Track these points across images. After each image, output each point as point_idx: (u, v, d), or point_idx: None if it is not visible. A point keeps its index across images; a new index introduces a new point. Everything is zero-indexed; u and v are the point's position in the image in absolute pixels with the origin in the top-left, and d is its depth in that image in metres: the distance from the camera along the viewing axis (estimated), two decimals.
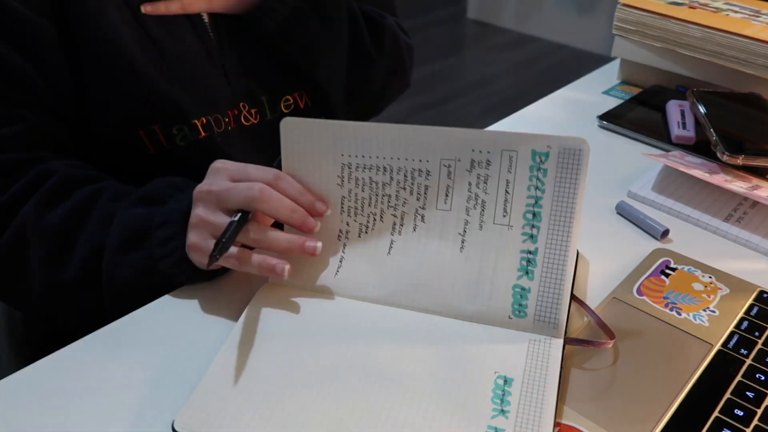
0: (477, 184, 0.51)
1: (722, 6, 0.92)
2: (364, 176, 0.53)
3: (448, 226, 0.52)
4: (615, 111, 0.86)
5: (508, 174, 0.50)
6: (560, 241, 0.50)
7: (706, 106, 0.80)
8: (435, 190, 0.52)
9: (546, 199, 0.50)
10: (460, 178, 0.51)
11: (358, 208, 0.54)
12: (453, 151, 0.51)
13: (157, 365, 0.49)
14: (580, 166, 0.49)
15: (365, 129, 0.52)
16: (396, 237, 0.54)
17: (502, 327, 0.50)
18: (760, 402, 0.46)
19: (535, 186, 0.50)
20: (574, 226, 0.49)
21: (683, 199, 0.68)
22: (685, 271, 0.58)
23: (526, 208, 0.50)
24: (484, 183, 0.51)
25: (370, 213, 0.54)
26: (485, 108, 2.65)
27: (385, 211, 0.54)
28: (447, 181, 0.52)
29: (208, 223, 0.50)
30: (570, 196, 0.49)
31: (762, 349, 0.50)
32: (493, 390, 0.45)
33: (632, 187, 0.70)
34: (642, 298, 0.55)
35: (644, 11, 0.88)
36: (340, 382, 0.46)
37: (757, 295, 0.55)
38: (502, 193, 0.51)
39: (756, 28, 0.83)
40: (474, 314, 0.51)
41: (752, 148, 0.72)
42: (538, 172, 0.50)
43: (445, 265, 0.52)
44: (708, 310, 0.54)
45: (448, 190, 0.52)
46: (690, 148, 0.78)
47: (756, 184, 0.68)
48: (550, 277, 0.50)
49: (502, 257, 0.51)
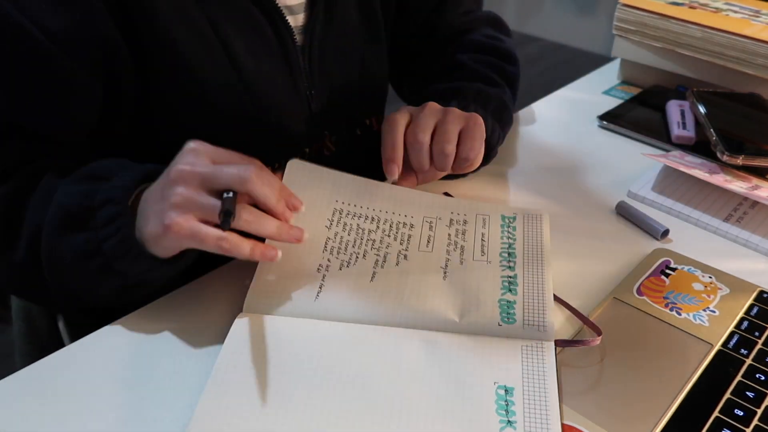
0: (456, 234, 0.59)
1: (722, 6, 0.92)
2: (352, 222, 0.58)
3: (430, 263, 0.56)
4: (615, 111, 0.86)
5: (483, 228, 0.60)
6: (536, 268, 0.56)
7: (706, 106, 0.80)
8: (417, 238, 0.58)
9: (518, 243, 0.58)
10: (441, 230, 0.59)
11: (341, 248, 0.56)
12: (435, 212, 0.61)
13: (158, 365, 0.49)
14: (543, 224, 0.60)
15: (361, 182, 0.61)
16: (378, 269, 0.55)
17: (493, 336, 0.50)
18: (760, 402, 0.46)
19: (507, 235, 0.59)
20: (545, 257, 0.57)
21: (683, 199, 0.68)
22: (685, 271, 0.58)
23: (501, 249, 0.58)
24: (462, 234, 0.59)
25: (353, 252, 0.56)
26: None
27: (368, 251, 0.56)
28: (429, 232, 0.59)
29: (192, 202, 0.45)
30: (538, 239, 0.59)
31: (762, 349, 0.50)
32: (496, 401, 0.45)
33: (632, 187, 0.70)
34: (642, 298, 0.55)
35: (644, 11, 0.89)
36: (337, 405, 0.44)
37: (757, 295, 0.55)
38: (479, 241, 0.58)
39: (756, 28, 0.83)
40: (464, 326, 0.50)
41: (752, 148, 0.72)
42: (509, 228, 0.60)
43: (430, 288, 0.53)
44: (708, 310, 0.54)
45: (429, 238, 0.58)
46: (690, 148, 0.78)
47: (756, 184, 0.68)
48: (532, 291, 0.53)
49: (483, 281, 0.55)
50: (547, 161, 0.76)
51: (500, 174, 0.73)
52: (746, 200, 0.67)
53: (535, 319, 0.51)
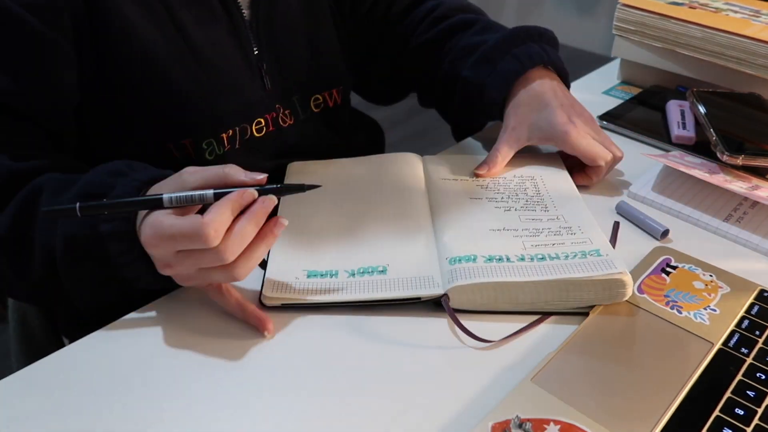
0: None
1: (722, 6, 0.92)
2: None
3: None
4: (615, 111, 0.86)
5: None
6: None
7: (706, 106, 0.80)
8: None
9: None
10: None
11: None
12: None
13: (157, 365, 0.49)
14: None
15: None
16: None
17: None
18: (761, 401, 0.46)
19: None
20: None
21: (683, 199, 0.68)
22: (685, 269, 0.58)
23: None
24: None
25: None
26: None
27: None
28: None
29: (172, 260, 0.47)
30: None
31: (763, 348, 0.50)
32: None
33: (632, 187, 0.70)
34: (643, 296, 0.55)
35: (644, 11, 0.89)
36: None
37: (757, 294, 0.55)
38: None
39: (756, 28, 0.83)
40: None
41: (752, 148, 0.72)
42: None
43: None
44: (709, 308, 0.54)
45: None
46: (690, 148, 0.78)
47: (756, 184, 0.68)
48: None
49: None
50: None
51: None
52: (746, 200, 0.67)
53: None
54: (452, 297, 0.52)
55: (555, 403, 0.45)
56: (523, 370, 0.48)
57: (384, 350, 0.49)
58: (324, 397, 0.46)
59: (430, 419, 0.45)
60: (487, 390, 0.47)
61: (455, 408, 0.46)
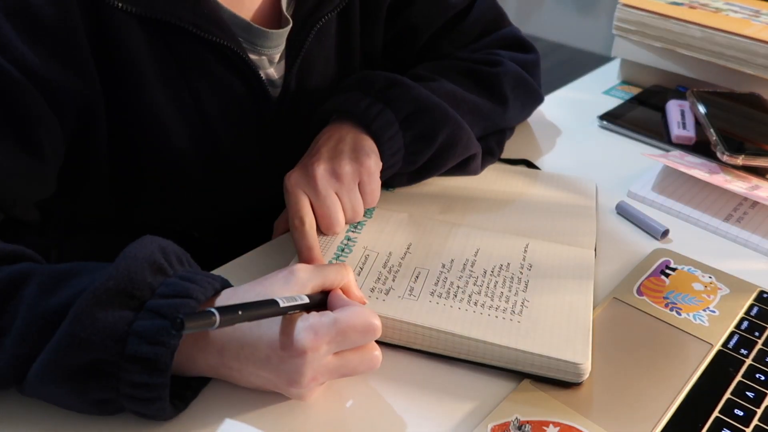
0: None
1: (722, 6, 0.92)
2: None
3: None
4: (615, 111, 0.86)
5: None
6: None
7: (706, 106, 0.80)
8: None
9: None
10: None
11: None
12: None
13: None
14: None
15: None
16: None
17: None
18: (760, 402, 0.46)
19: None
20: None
21: (683, 199, 0.68)
22: (685, 271, 0.58)
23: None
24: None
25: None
26: None
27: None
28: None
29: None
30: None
31: (762, 349, 0.50)
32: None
33: (632, 187, 0.70)
34: (642, 298, 0.55)
35: (644, 11, 0.88)
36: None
37: (757, 295, 0.55)
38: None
39: (756, 28, 0.83)
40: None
41: (752, 148, 0.72)
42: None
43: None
44: (708, 310, 0.54)
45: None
46: (690, 148, 0.78)
47: (756, 184, 0.68)
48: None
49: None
50: (547, 161, 0.75)
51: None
52: (746, 200, 0.67)
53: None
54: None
55: (554, 405, 0.45)
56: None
57: (384, 351, 0.49)
58: (324, 397, 0.46)
59: (430, 421, 0.45)
60: (487, 392, 0.47)
61: (455, 410, 0.46)
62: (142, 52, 0.54)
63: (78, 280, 0.41)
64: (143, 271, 0.40)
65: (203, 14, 0.54)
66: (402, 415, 0.45)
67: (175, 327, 0.35)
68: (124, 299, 0.39)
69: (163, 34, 0.54)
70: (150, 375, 0.38)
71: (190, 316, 0.35)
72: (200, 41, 0.55)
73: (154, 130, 0.57)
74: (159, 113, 0.56)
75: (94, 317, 0.38)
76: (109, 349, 0.38)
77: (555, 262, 0.56)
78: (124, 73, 0.54)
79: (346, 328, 0.41)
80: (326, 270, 0.46)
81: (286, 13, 0.62)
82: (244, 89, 0.60)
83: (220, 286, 0.44)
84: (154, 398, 0.39)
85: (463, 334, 0.48)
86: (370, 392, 0.47)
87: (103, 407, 0.41)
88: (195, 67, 0.57)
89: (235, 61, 0.57)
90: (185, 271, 0.43)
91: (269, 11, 0.61)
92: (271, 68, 0.63)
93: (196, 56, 0.56)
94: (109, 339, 0.38)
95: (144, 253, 0.41)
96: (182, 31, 0.54)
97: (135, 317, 0.39)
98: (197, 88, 0.57)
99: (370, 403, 0.46)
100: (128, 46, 0.53)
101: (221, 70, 0.58)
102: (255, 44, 0.60)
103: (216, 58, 0.57)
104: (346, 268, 0.47)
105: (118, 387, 0.39)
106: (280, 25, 0.62)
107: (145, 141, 0.57)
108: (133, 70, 0.54)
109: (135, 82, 0.54)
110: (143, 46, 0.54)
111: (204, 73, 0.57)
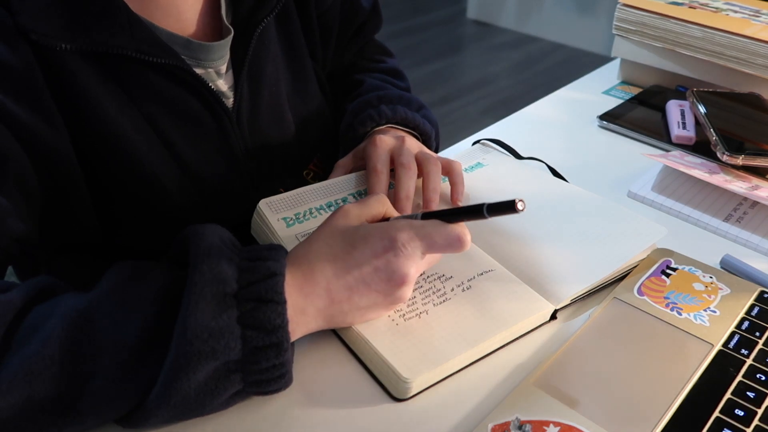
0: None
1: (722, 6, 0.92)
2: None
3: None
4: (615, 111, 0.86)
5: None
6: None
7: (706, 106, 0.80)
8: None
9: None
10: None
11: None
12: None
13: None
14: None
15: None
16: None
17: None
18: (761, 402, 0.46)
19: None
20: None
21: (683, 199, 0.68)
22: (685, 271, 0.58)
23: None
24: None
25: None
26: (485, 108, 2.65)
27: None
28: None
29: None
30: None
31: (763, 350, 0.50)
32: None
33: (632, 187, 0.70)
34: (643, 298, 0.55)
35: (644, 11, 0.89)
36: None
37: (757, 296, 0.55)
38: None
39: (756, 28, 0.83)
40: None
41: (752, 148, 0.72)
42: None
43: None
44: (709, 310, 0.54)
45: None
46: (690, 148, 0.78)
47: (756, 184, 0.68)
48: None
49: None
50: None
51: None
52: (746, 200, 0.67)
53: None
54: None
55: (555, 405, 0.45)
56: (522, 372, 0.48)
57: None
58: (324, 400, 0.46)
59: (430, 421, 0.45)
60: (487, 392, 0.47)
61: (455, 410, 0.46)
62: (94, 87, 0.54)
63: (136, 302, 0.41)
64: (223, 267, 0.41)
65: (141, 39, 0.54)
66: (402, 416, 0.45)
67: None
68: (222, 300, 0.40)
69: (109, 66, 0.55)
70: (276, 356, 0.41)
71: (492, 206, 0.46)
72: (145, 65, 0.56)
73: (124, 161, 0.57)
74: (124, 144, 0.57)
75: (207, 326, 0.39)
76: (233, 350, 0.40)
77: (495, 299, 0.52)
78: (85, 113, 0.54)
79: (432, 230, 0.46)
80: (369, 202, 0.50)
81: (226, 21, 0.62)
82: (199, 104, 0.60)
83: (283, 252, 0.45)
84: (283, 374, 0.43)
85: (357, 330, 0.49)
86: (370, 392, 0.47)
87: (231, 402, 0.43)
88: (145, 93, 0.57)
89: (184, 78, 0.58)
90: (246, 252, 0.44)
91: (210, 23, 0.62)
92: (219, 80, 0.63)
93: (144, 81, 0.57)
94: (232, 341, 0.40)
95: (215, 249, 0.42)
96: (126, 59, 0.55)
97: (240, 312, 0.41)
98: (150, 112, 0.58)
99: (370, 403, 0.46)
100: (80, 84, 0.54)
101: (173, 89, 0.58)
102: (198, 59, 0.60)
103: (164, 79, 0.57)
104: (383, 197, 0.51)
105: (246, 378, 0.42)
106: (222, 35, 0.63)
107: (121, 172, 0.58)
108: (90, 108, 0.54)
109: (96, 118, 0.55)
110: (93, 81, 0.54)
111: (155, 95, 0.58)
